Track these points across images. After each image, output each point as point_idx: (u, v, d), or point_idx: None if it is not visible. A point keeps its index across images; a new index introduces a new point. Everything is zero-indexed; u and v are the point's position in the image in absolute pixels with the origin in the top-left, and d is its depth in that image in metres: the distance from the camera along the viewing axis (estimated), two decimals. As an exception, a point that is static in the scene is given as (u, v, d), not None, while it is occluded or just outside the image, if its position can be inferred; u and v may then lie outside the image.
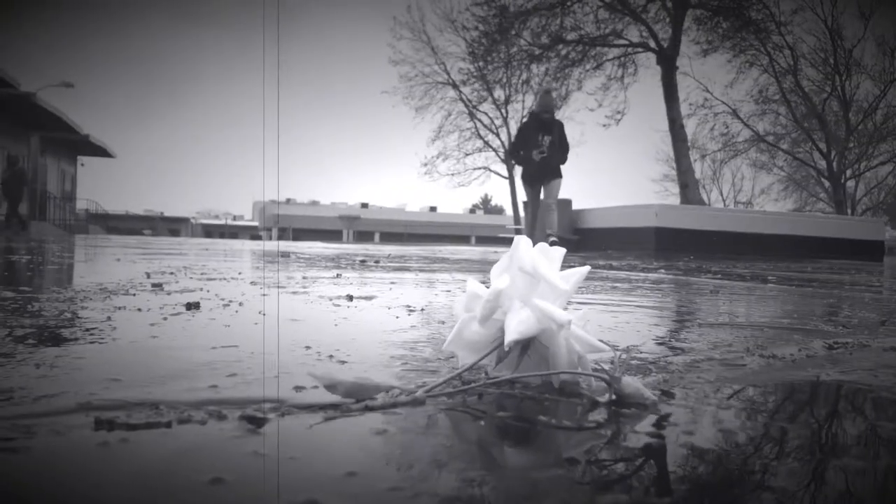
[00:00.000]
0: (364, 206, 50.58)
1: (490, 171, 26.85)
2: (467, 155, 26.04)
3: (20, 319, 1.24)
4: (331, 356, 0.96)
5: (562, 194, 8.77)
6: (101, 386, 0.74)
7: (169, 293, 1.81)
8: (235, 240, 22.03)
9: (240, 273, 2.85)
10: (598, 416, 0.70)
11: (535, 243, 0.81)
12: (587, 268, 0.83)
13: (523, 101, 21.74)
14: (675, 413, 0.72)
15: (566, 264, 0.81)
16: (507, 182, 26.09)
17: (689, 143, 16.60)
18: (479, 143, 25.78)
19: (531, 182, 8.55)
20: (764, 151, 25.17)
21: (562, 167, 8.49)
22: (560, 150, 8.44)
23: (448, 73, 23.79)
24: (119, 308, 1.45)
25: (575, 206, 12.19)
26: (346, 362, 0.92)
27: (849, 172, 24.73)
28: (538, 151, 8.24)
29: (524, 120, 11.52)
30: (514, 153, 8.73)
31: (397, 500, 0.47)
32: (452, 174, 26.47)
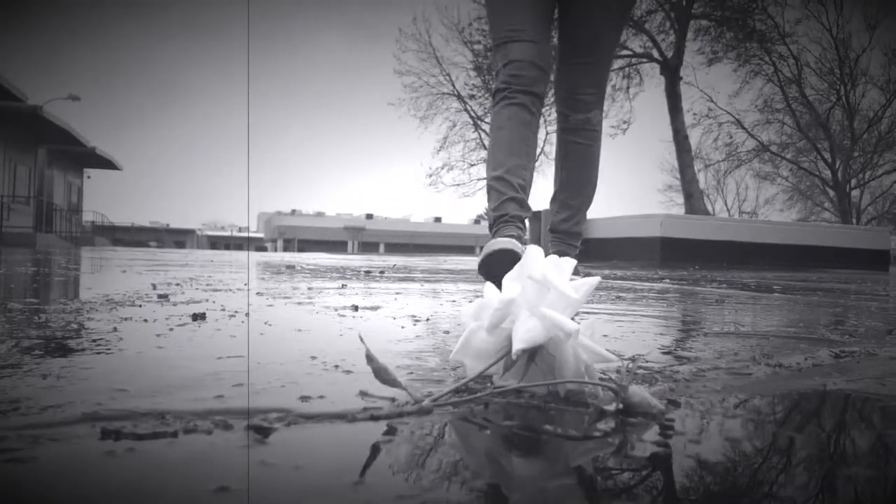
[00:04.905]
0: (369, 216, 50.69)
1: (495, 181, 26.86)
2: (472, 166, 26.10)
3: (27, 330, 1.25)
4: (336, 366, 0.96)
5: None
6: (107, 396, 0.74)
7: (175, 304, 1.82)
8: (241, 251, 22.07)
9: (245, 284, 2.86)
10: (605, 425, 0.70)
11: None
12: (598, 278, 0.82)
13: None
14: (681, 422, 0.71)
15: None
16: (511, 193, 26.09)
17: (693, 153, 16.59)
18: (484, 154, 25.85)
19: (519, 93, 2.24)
20: (768, 161, 25.16)
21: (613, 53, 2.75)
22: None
23: (453, 84, 23.90)
24: (125, 319, 1.45)
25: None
26: (351, 371, 0.92)
27: (854, 182, 24.72)
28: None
29: None
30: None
31: (404, 509, 0.46)
32: (457, 185, 26.54)
